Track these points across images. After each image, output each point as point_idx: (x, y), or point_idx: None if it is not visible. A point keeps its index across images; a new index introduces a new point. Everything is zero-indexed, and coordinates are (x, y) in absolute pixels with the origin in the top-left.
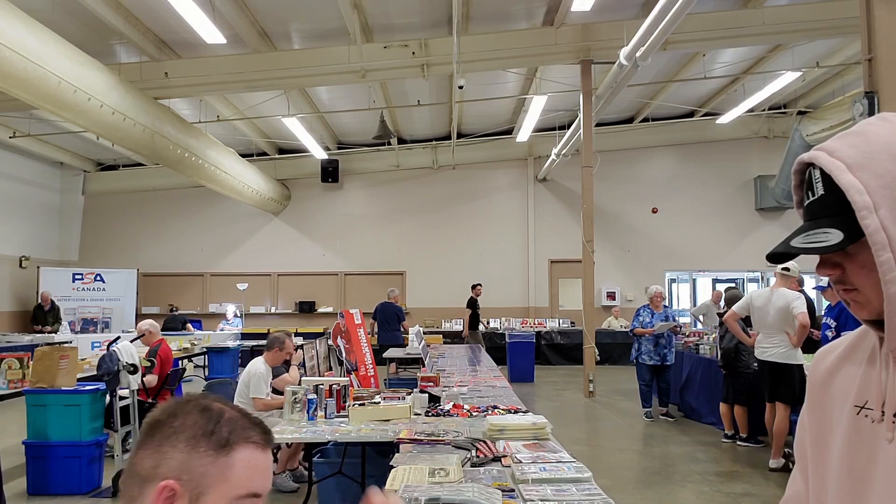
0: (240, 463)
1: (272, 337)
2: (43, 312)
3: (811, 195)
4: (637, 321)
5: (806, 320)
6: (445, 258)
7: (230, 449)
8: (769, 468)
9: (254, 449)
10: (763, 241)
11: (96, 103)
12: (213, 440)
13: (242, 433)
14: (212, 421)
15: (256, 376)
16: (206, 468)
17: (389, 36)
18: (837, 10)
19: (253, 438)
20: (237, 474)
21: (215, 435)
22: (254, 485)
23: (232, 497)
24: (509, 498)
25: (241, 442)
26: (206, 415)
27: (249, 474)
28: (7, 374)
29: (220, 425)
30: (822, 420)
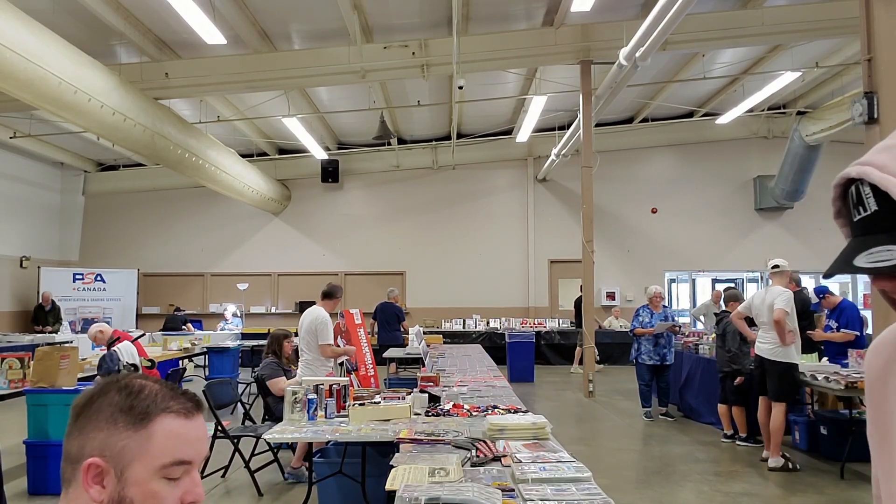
0: (160, 433)
1: (331, 286)
2: (43, 312)
3: (862, 210)
4: (637, 321)
5: (779, 316)
6: (445, 258)
7: (149, 421)
8: (768, 467)
9: (174, 418)
10: (762, 241)
11: (97, 104)
12: (131, 415)
13: (161, 404)
14: (130, 396)
15: (323, 322)
16: (127, 442)
17: (389, 36)
18: (837, 10)
19: (173, 408)
20: (158, 445)
21: (133, 409)
22: (178, 453)
23: (156, 467)
24: (509, 498)
25: (159, 413)
26: (124, 392)
27: (172, 443)
28: (8, 373)
29: (138, 399)
30: (883, 414)
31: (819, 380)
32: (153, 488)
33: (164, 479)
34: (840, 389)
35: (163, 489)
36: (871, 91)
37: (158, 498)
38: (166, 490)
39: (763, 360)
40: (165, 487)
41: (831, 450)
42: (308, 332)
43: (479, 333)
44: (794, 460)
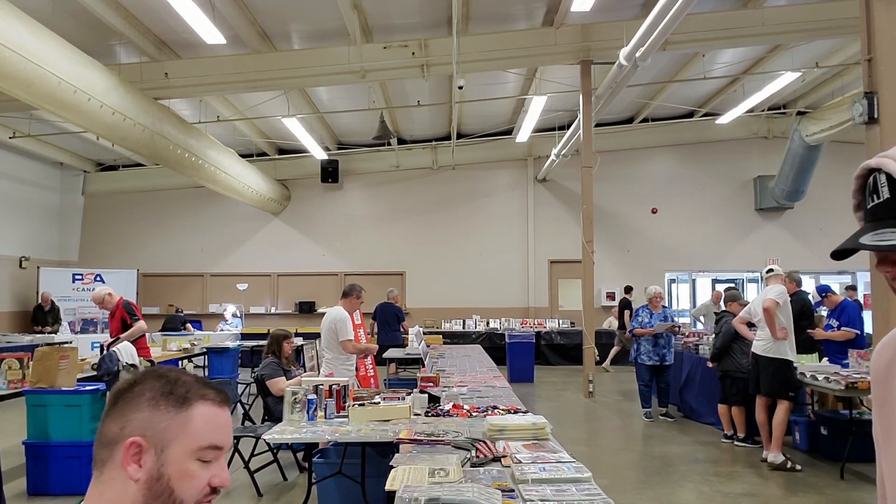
0: (198, 417)
1: (349, 285)
2: (43, 313)
3: (876, 198)
4: (636, 322)
5: (769, 304)
6: (445, 258)
7: (188, 405)
8: (768, 464)
9: (210, 405)
10: (762, 241)
11: (96, 103)
12: (172, 399)
13: (199, 391)
14: (169, 383)
15: (342, 320)
16: (168, 423)
17: (389, 36)
18: (837, 10)
19: (209, 396)
20: (196, 428)
21: (174, 394)
22: (213, 437)
23: (194, 448)
24: (509, 498)
25: (198, 399)
26: (163, 379)
27: (208, 428)
28: (7, 374)
29: (177, 385)
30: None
31: (819, 380)
32: (189, 468)
33: (198, 461)
34: (840, 390)
35: (197, 469)
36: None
37: (192, 477)
38: (200, 471)
39: (757, 357)
40: (199, 468)
41: (831, 450)
42: (328, 332)
43: (478, 334)
44: (794, 460)
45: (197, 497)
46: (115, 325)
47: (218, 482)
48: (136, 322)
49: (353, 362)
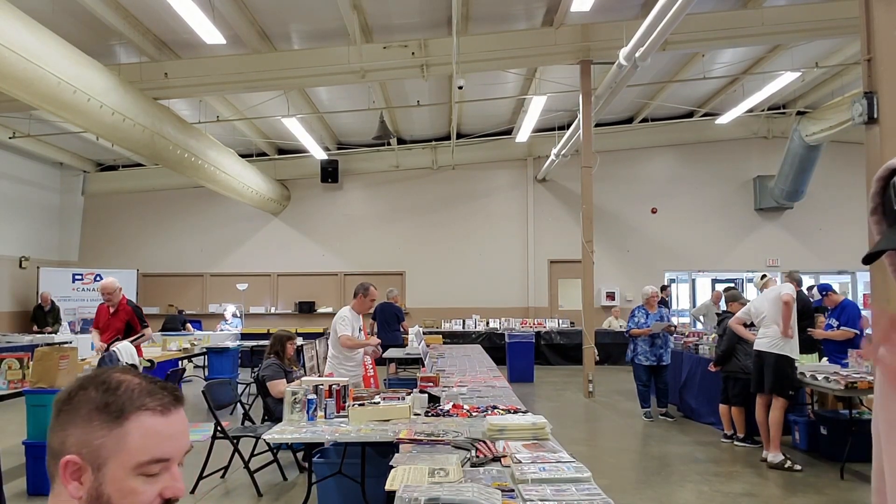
0: (135, 431)
1: (358, 285)
2: (43, 313)
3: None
4: (632, 322)
5: (787, 298)
6: (445, 258)
7: (124, 419)
8: (767, 463)
9: (150, 415)
10: (762, 241)
11: (96, 104)
12: (106, 412)
13: (137, 401)
14: (107, 393)
15: (341, 318)
16: (103, 440)
17: (389, 36)
18: (837, 10)
19: (148, 405)
20: (134, 443)
21: (109, 407)
22: (155, 451)
23: (133, 465)
24: (509, 498)
25: (134, 411)
26: (102, 388)
27: (148, 442)
28: (7, 374)
29: (114, 396)
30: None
31: (819, 380)
32: (130, 485)
33: (142, 476)
34: (840, 389)
35: (140, 486)
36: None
37: (136, 494)
38: (143, 487)
39: (761, 354)
40: (143, 485)
41: (831, 450)
42: (332, 330)
43: (478, 334)
44: (794, 460)
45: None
46: (118, 325)
47: (170, 494)
48: (146, 329)
49: (354, 363)
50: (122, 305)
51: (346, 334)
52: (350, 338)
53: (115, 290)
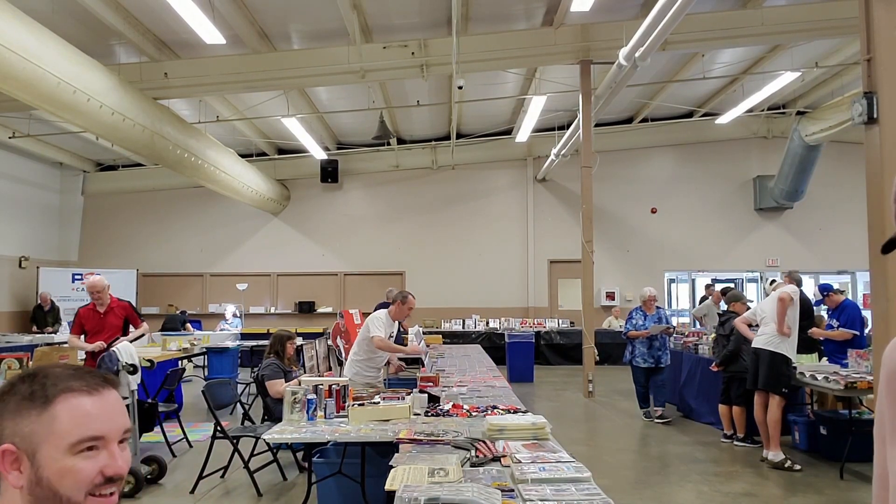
0: (63, 413)
1: (396, 292)
2: (42, 313)
3: None
4: (630, 324)
5: (783, 295)
6: (445, 258)
7: (50, 403)
8: (768, 462)
9: (77, 396)
10: (762, 241)
11: (96, 104)
12: (32, 400)
13: (61, 384)
14: (33, 384)
15: (377, 320)
16: (32, 427)
17: (389, 36)
18: (836, 10)
19: (73, 387)
20: (63, 425)
21: (34, 395)
22: (86, 430)
23: (66, 446)
24: (509, 498)
25: (59, 394)
26: (27, 380)
27: (78, 421)
28: (7, 374)
29: (39, 385)
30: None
31: (819, 380)
32: (67, 465)
33: (79, 456)
34: (839, 389)
35: (77, 464)
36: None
37: (74, 473)
38: (82, 464)
39: (757, 350)
40: (81, 462)
41: (831, 450)
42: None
43: (478, 333)
44: (794, 460)
45: (87, 489)
46: (115, 323)
47: (112, 472)
48: (144, 324)
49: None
50: (115, 303)
51: (380, 335)
52: (383, 339)
53: (103, 289)
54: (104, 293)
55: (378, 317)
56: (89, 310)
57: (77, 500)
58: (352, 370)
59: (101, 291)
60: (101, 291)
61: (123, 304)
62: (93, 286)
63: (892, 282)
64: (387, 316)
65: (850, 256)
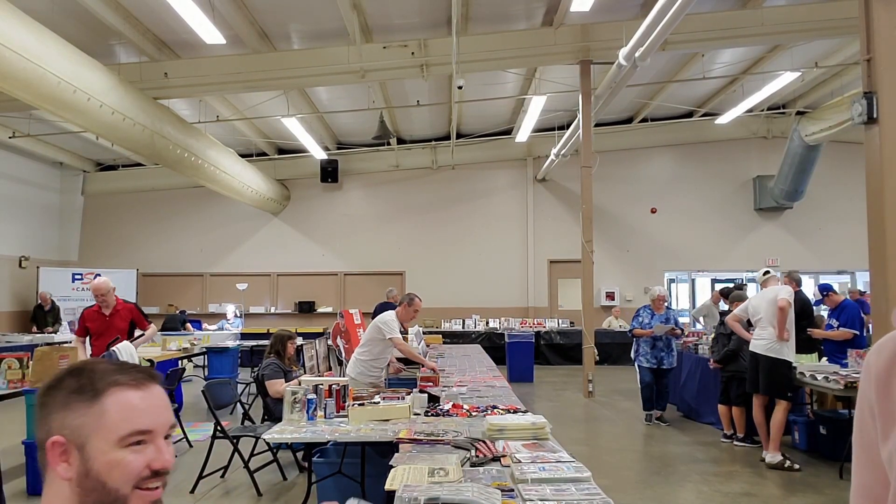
0: (112, 406)
1: (405, 294)
2: (43, 312)
3: None
4: (636, 322)
5: (783, 304)
6: (445, 258)
7: (100, 396)
8: (766, 464)
9: (124, 390)
10: (762, 241)
11: (96, 103)
12: (82, 393)
13: (109, 379)
14: (81, 378)
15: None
16: (82, 419)
17: (389, 36)
18: (836, 10)
19: (121, 381)
20: (112, 418)
21: (83, 388)
22: (134, 423)
23: (114, 439)
24: (509, 498)
25: (108, 387)
26: (75, 375)
27: (126, 415)
28: (7, 374)
29: (87, 379)
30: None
31: (819, 380)
32: (116, 457)
33: (127, 449)
34: (839, 389)
35: (126, 457)
36: (870, 91)
37: (123, 466)
38: (130, 458)
39: (757, 355)
40: (129, 455)
41: (830, 450)
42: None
43: (478, 333)
44: (793, 460)
45: (133, 482)
46: (120, 325)
47: (159, 465)
48: (151, 325)
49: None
50: (120, 305)
51: (399, 337)
52: (404, 343)
53: (108, 291)
54: (109, 295)
55: (391, 319)
56: (94, 311)
57: (124, 493)
58: (356, 369)
59: (106, 294)
60: (106, 294)
61: (129, 306)
62: (97, 288)
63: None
64: (395, 317)
65: (850, 256)
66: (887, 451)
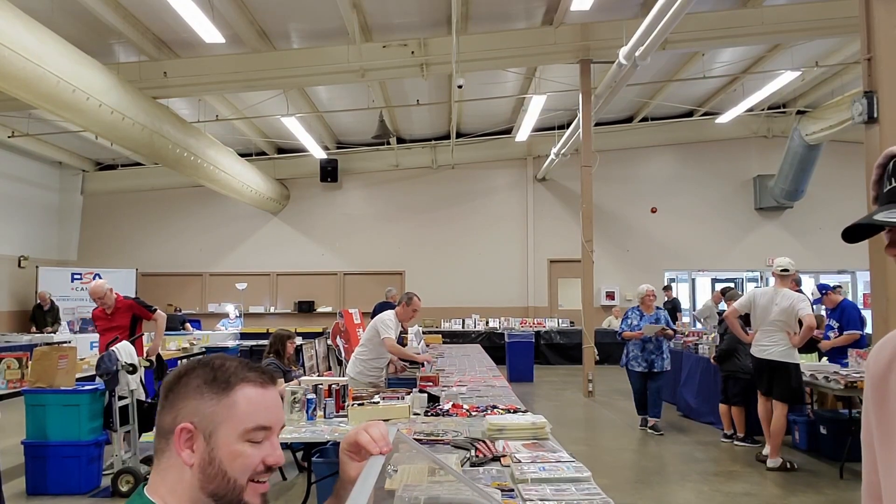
0: (242, 400)
1: (404, 293)
2: (42, 312)
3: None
4: (625, 324)
5: (813, 322)
6: (444, 258)
7: (231, 389)
8: (766, 467)
9: (252, 386)
10: (762, 240)
11: (95, 102)
12: (215, 385)
13: (240, 374)
14: (213, 370)
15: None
16: (214, 408)
17: (388, 35)
18: (837, 9)
19: (251, 378)
20: (241, 410)
21: (216, 381)
22: (259, 418)
23: (241, 430)
24: (509, 498)
25: (239, 382)
26: (206, 367)
27: (253, 409)
28: (6, 373)
29: (220, 371)
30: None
31: (819, 379)
32: (238, 449)
33: (248, 442)
34: (840, 389)
35: (247, 450)
36: (870, 90)
37: (244, 457)
38: (250, 450)
39: (771, 361)
40: (249, 448)
41: (831, 449)
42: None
43: (478, 333)
44: (792, 460)
45: (249, 475)
46: (122, 323)
47: (272, 461)
48: (157, 312)
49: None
50: (120, 302)
51: (391, 337)
52: (394, 343)
53: (104, 294)
54: (107, 297)
55: (387, 318)
56: (99, 311)
57: (241, 483)
58: (355, 369)
59: (103, 297)
60: (103, 297)
61: (128, 302)
62: (93, 292)
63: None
64: (394, 318)
65: (850, 256)
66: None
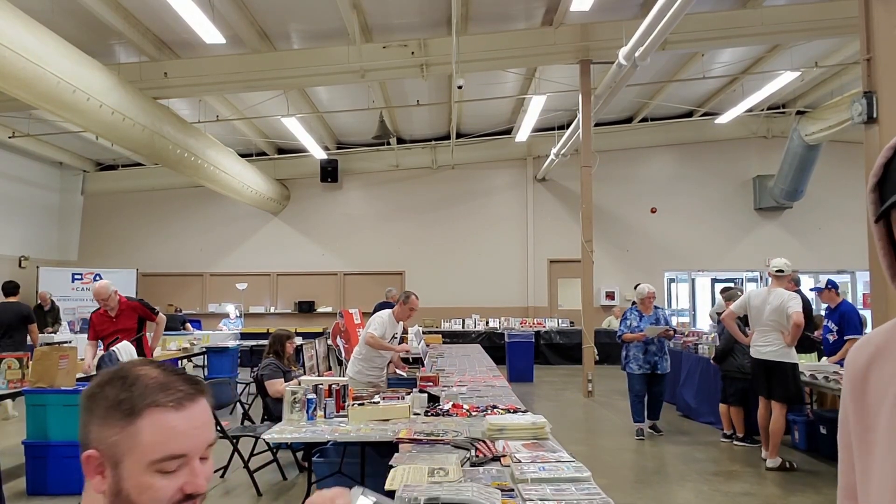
0: (147, 429)
1: (403, 292)
2: (42, 312)
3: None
4: (624, 325)
5: (800, 319)
6: (444, 258)
7: (136, 417)
8: (766, 467)
9: (162, 412)
10: (762, 240)
11: (95, 103)
12: (119, 410)
13: (150, 398)
14: (123, 390)
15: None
16: (116, 438)
17: (389, 36)
18: (836, 10)
19: (160, 402)
20: (146, 441)
21: (122, 405)
22: (168, 448)
23: (147, 462)
24: (508, 497)
25: (147, 408)
26: (119, 384)
27: (161, 438)
28: (7, 374)
29: (128, 393)
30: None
31: (819, 379)
32: (147, 481)
33: (159, 473)
34: (839, 389)
35: (157, 482)
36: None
37: (154, 490)
38: (161, 482)
39: (767, 362)
40: (160, 480)
41: (830, 449)
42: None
43: (478, 333)
44: (792, 460)
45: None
46: (129, 325)
47: (191, 490)
48: (159, 315)
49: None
50: (125, 304)
51: (373, 333)
52: (375, 337)
53: (109, 295)
54: (111, 299)
55: (380, 316)
56: (101, 314)
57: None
58: (354, 368)
59: (108, 298)
60: (108, 298)
61: (133, 304)
62: (98, 293)
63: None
64: (390, 316)
65: (850, 256)
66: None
